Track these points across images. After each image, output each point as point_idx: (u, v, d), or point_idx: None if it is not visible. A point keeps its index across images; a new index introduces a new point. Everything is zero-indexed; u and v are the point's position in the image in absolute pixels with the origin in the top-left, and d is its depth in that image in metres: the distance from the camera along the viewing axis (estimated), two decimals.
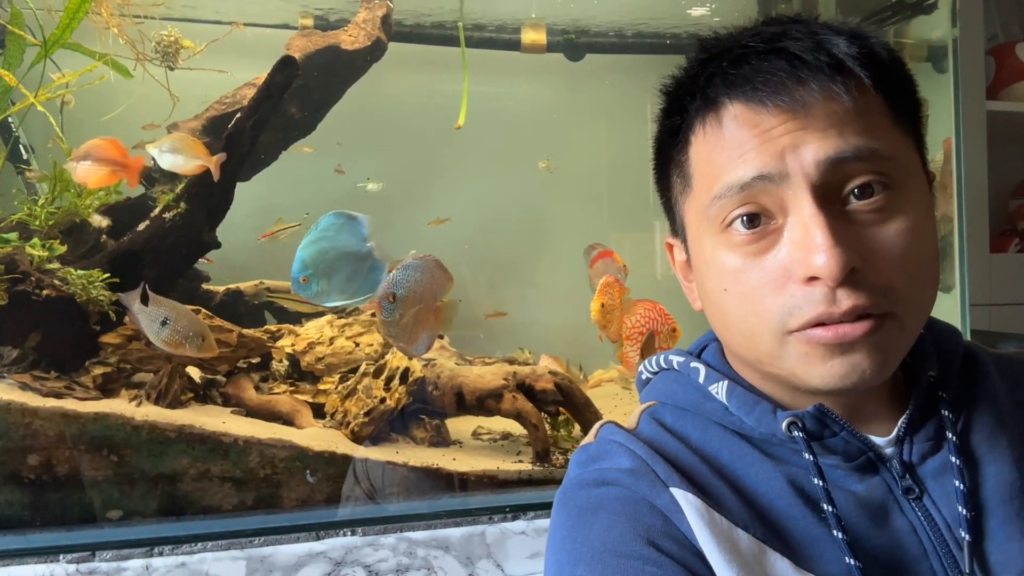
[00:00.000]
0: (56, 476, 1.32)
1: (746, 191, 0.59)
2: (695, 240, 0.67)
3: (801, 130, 0.57)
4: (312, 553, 1.23)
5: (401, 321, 1.26)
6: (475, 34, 2.07)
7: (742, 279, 0.61)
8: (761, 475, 0.63)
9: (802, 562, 0.59)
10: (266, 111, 1.59)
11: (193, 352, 1.36)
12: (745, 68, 0.60)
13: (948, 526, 0.61)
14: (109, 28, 1.66)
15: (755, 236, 0.60)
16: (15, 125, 1.73)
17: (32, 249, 1.48)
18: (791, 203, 0.58)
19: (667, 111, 0.68)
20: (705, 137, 0.62)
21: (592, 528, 0.62)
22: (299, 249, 1.28)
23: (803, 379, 0.60)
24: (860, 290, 0.56)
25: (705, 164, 0.63)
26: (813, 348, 0.58)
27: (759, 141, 0.58)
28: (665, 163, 0.70)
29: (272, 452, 1.38)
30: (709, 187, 0.62)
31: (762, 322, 0.60)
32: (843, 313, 0.56)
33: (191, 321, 1.37)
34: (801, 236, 0.57)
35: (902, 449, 0.64)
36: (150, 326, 1.34)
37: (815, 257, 0.56)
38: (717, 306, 0.65)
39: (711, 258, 0.64)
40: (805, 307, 0.57)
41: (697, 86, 0.63)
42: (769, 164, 0.58)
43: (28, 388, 1.39)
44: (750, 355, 0.64)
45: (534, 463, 1.53)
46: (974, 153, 1.78)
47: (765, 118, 0.58)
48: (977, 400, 0.67)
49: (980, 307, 1.74)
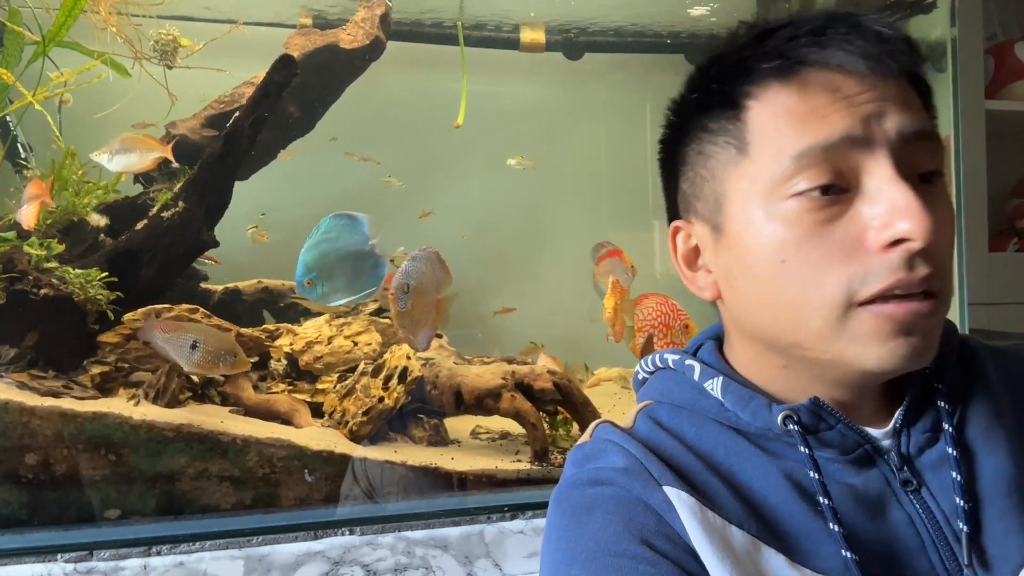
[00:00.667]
0: (54, 475, 1.32)
1: (829, 152, 0.58)
2: (740, 210, 0.63)
3: (882, 100, 0.58)
4: (310, 552, 1.23)
5: (412, 312, 1.27)
6: (474, 33, 2.06)
7: (806, 247, 0.58)
8: (757, 470, 0.63)
9: (798, 557, 0.59)
10: (264, 110, 1.59)
11: (227, 370, 1.36)
12: (831, 34, 0.59)
13: (946, 518, 0.61)
14: (107, 27, 1.66)
15: (825, 203, 0.58)
16: (13, 124, 1.73)
17: (30, 248, 1.47)
18: (870, 169, 0.58)
19: (709, 80, 0.66)
20: (778, 99, 0.60)
21: (586, 528, 0.61)
22: (302, 252, 1.29)
23: (855, 360, 0.59)
24: (931, 263, 0.57)
25: (773, 127, 0.60)
26: (883, 324, 0.57)
27: (844, 104, 0.58)
28: (695, 136, 0.67)
29: (270, 451, 1.38)
30: (779, 150, 0.59)
31: (824, 294, 0.58)
32: (920, 280, 0.56)
33: (220, 339, 1.37)
34: (886, 201, 0.56)
35: (899, 441, 0.64)
36: (180, 352, 1.34)
37: (903, 220, 0.55)
38: (765, 281, 0.61)
39: (766, 227, 0.60)
40: (881, 274, 0.56)
41: (771, 48, 0.61)
42: (856, 127, 0.57)
43: (26, 387, 1.39)
44: (790, 336, 0.62)
45: (532, 462, 1.53)
46: (973, 152, 1.78)
47: (848, 84, 0.58)
48: (973, 392, 0.67)
49: (979, 306, 1.74)
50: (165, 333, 1.35)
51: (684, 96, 0.69)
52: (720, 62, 0.65)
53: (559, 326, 2.14)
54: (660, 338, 1.48)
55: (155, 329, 1.35)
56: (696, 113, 0.67)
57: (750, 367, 0.69)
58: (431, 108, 2.09)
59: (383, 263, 1.36)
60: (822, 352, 0.60)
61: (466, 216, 2.10)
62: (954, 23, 1.77)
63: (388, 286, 1.30)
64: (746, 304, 0.65)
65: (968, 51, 1.78)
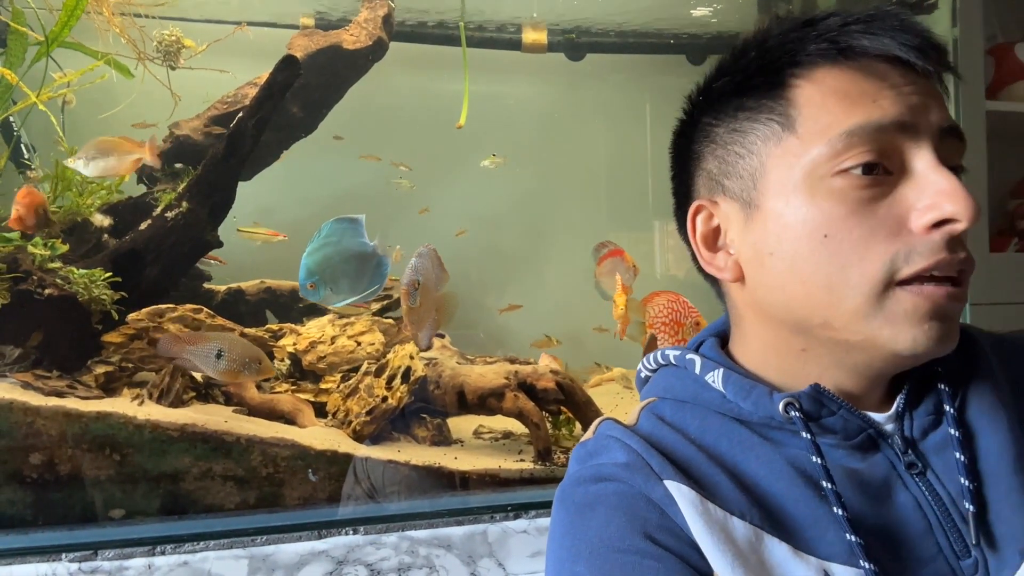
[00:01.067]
0: (58, 475, 1.32)
1: (879, 133, 0.59)
2: (781, 186, 0.63)
3: (925, 95, 0.61)
4: (314, 552, 1.24)
5: (421, 308, 1.28)
6: (476, 34, 2.07)
7: (851, 223, 0.60)
8: (761, 459, 0.64)
9: (802, 544, 0.59)
10: (268, 110, 1.60)
11: (254, 377, 1.36)
12: (880, 25, 0.61)
13: (952, 500, 0.61)
14: (111, 28, 1.66)
15: (870, 182, 0.60)
16: (16, 124, 1.73)
17: (34, 248, 1.48)
18: (915, 155, 0.60)
19: (749, 60, 0.67)
20: (829, 78, 0.62)
21: (590, 524, 0.62)
22: (303, 257, 1.30)
23: (887, 342, 0.60)
24: (965, 249, 0.60)
25: (821, 106, 0.61)
26: (922, 303, 0.59)
27: (893, 92, 0.60)
28: (729, 114, 0.67)
29: (274, 451, 1.39)
30: (829, 126, 0.60)
31: (865, 271, 0.59)
32: (961, 260, 0.59)
33: (244, 346, 1.36)
34: (932, 184, 0.59)
35: (903, 425, 0.64)
36: (206, 362, 1.33)
37: (947, 203, 0.57)
38: (804, 257, 0.62)
39: (810, 203, 0.61)
40: (925, 252, 0.58)
41: (822, 30, 0.63)
42: (906, 114, 0.60)
43: (30, 387, 1.39)
44: (820, 315, 0.62)
45: (536, 462, 1.54)
46: (973, 153, 1.78)
47: (894, 75, 0.61)
48: (974, 376, 0.68)
49: (980, 306, 1.75)
50: (190, 346, 1.34)
51: (712, 81, 0.70)
52: (761, 45, 0.66)
53: (561, 325, 2.15)
54: (672, 335, 1.48)
55: (177, 343, 1.35)
56: (731, 94, 0.68)
57: (763, 355, 0.70)
58: (433, 109, 2.10)
59: (386, 262, 1.37)
60: (853, 333, 0.61)
61: (468, 216, 2.10)
62: (955, 23, 1.78)
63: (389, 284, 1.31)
64: (776, 283, 0.65)
65: (969, 51, 1.78)
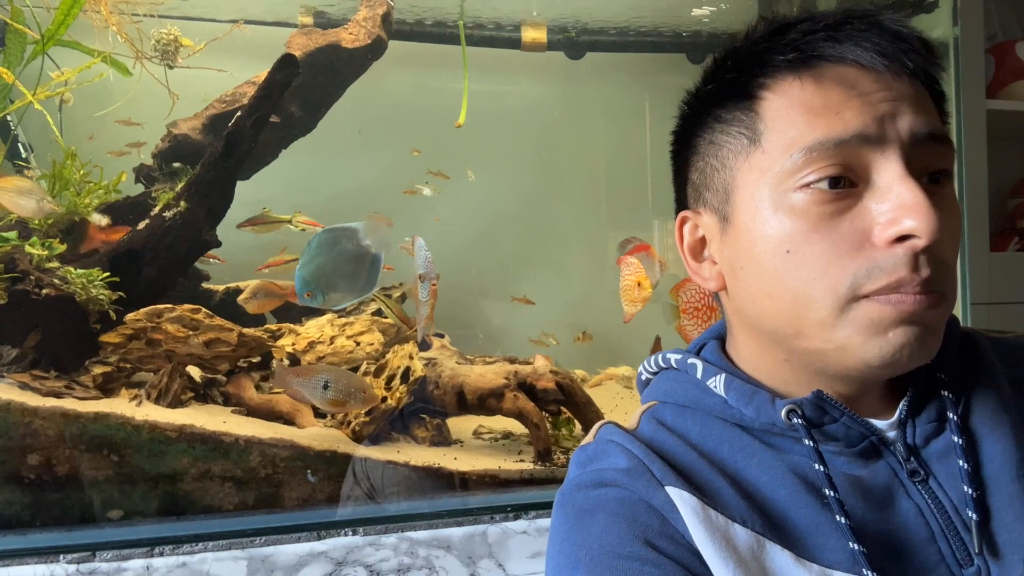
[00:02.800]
0: (56, 476, 1.32)
1: (840, 148, 0.58)
2: (749, 200, 0.63)
3: (897, 100, 0.58)
4: (313, 553, 1.23)
5: (430, 301, 1.28)
6: (475, 32, 2.06)
7: (813, 239, 0.59)
8: (762, 466, 0.63)
9: (804, 552, 0.59)
10: (266, 109, 1.59)
11: (358, 406, 1.42)
12: (848, 30, 0.60)
13: (955, 507, 0.61)
14: (108, 26, 1.66)
15: (834, 196, 0.59)
16: (14, 123, 1.72)
17: (32, 248, 1.47)
18: (880, 167, 0.58)
19: (726, 70, 0.66)
20: (793, 91, 0.61)
21: (590, 530, 0.61)
22: (297, 269, 1.32)
23: (856, 351, 0.59)
24: (934, 264, 0.57)
25: (786, 119, 0.61)
26: (885, 314, 0.57)
27: (859, 102, 0.58)
28: (707, 126, 0.67)
29: (273, 452, 1.38)
30: (792, 142, 0.60)
31: (828, 286, 0.59)
32: (923, 281, 0.57)
33: (349, 378, 1.42)
34: (895, 198, 0.57)
35: (905, 432, 0.64)
36: (314, 393, 1.40)
37: (908, 218, 0.56)
38: (770, 271, 0.62)
39: (773, 218, 0.61)
40: (887, 268, 0.57)
41: (788, 41, 0.62)
42: (870, 126, 0.58)
43: (28, 387, 1.39)
44: (792, 326, 0.62)
45: (535, 462, 1.53)
46: (974, 152, 1.78)
47: (863, 81, 0.59)
48: (977, 382, 0.67)
49: (980, 306, 1.75)
50: (299, 378, 1.42)
51: (699, 87, 0.69)
52: (736, 54, 0.66)
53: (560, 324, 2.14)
54: (704, 321, 1.48)
55: (289, 375, 1.43)
56: (710, 103, 0.67)
57: (753, 362, 0.70)
58: (433, 107, 2.09)
59: (379, 260, 1.37)
60: (824, 342, 0.60)
61: (467, 215, 2.10)
62: (956, 22, 1.77)
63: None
64: (750, 295, 0.65)
65: (969, 51, 1.78)
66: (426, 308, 1.30)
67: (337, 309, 1.40)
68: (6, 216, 1.52)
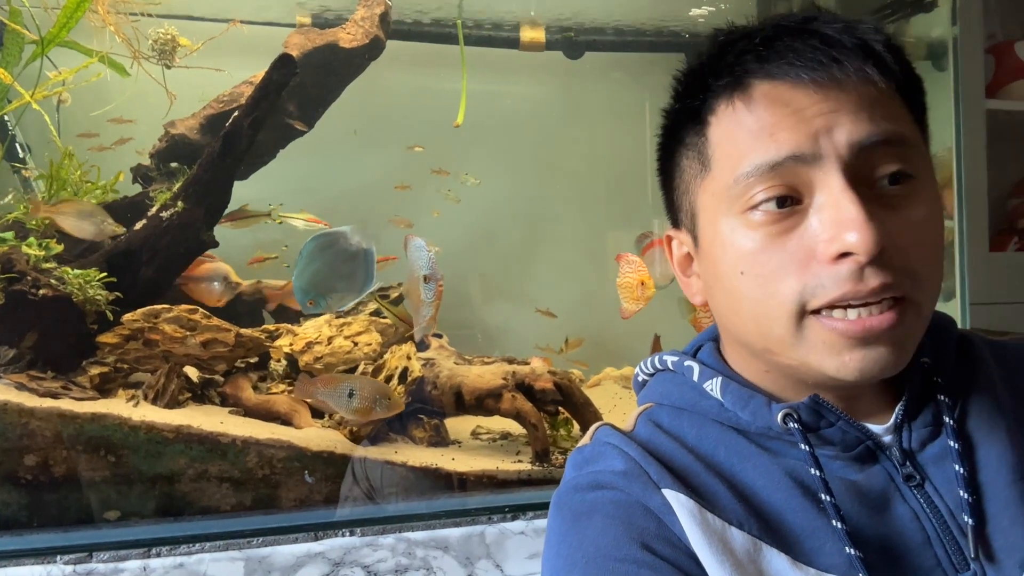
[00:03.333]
0: (53, 477, 1.32)
1: (777, 170, 0.58)
2: (709, 224, 0.64)
3: (834, 112, 0.57)
4: (311, 554, 1.23)
5: (435, 302, 1.28)
6: (474, 32, 2.06)
7: (762, 260, 0.59)
8: (759, 469, 0.63)
9: (800, 556, 0.59)
10: (264, 109, 1.59)
11: (384, 413, 1.43)
12: (778, 45, 0.59)
13: (951, 512, 0.61)
14: (106, 26, 1.66)
15: (780, 216, 0.59)
16: (11, 123, 1.72)
17: (28, 248, 1.47)
18: (820, 183, 0.58)
19: (682, 94, 0.67)
20: (731, 115, 0.61)
21: (586, 532, 0.61)
22: (294, 280, 1.33)
23: (817, 368, 0.59)
24: (885, 271, 0.56)
25: (729, 143, 0.61)
26: (835, 338, 0.57)
27: (792, 120, 0.58)
28: (674, 148, 0.68)
29: (270, 452, 1.38)
30: (734, 166, 0.60)
31: (779, 304, 0.59)
32: (871, 291, 0.56)
33: (373, 386, 1.45)
34: (832, 213, 0.56)
35: (901, 436, 0.64)
36: (339, 402, 1.42)
37: (848, 233, 0.55)
38: (729, 291, 0.63)
39: (728, 240, 0.62)
40: (830, 285, 0.56)
41: (724, 64, 0.62)
42: (803, 144, 0.57)
43: (24, 388, 1.39)
44: (760, 343, 0.63)
45: (533, 463, 1.53)
46: (973, 152, 1.78)
47: (797, 97, 0.58)
48: (973, 386, 0.67)
49: (980, 306, 1.74)
50: (324, 387, 1.43)
51: (668, 107, 0.70)
52: (688, 76, 0.67)
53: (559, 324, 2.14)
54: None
55: (313, 385, 1.44)
56: (674, 126, 0.68)
57: (741, 367, 0.70)
58: (431, 107, 2.09)
59: (372, 254, 1.38)
60: (789, 359, 0.61)
61: (465, 215, 2.10)
62: (955, 22, 1.77)
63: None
64: (722, 312, 0.67)
65: (969, 50, 1.78)
66: (431, 309, 1.29)
67: (343, 311, 1.40)
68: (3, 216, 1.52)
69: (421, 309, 1.31)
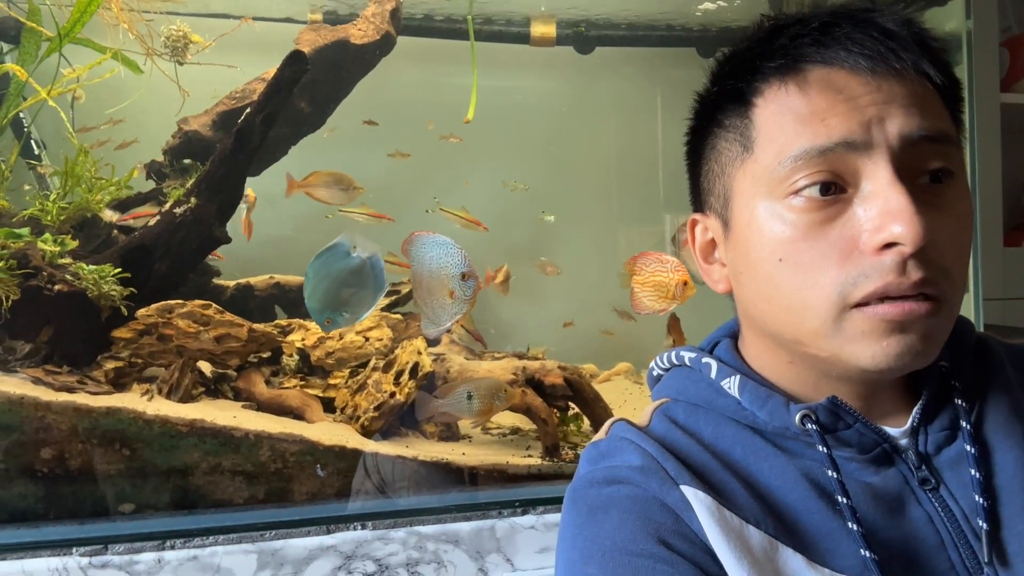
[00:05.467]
0: (69, 470, 1.33)
1: (826, 156, 0.58)
2: (744, 208, 0.64)
3: (887, 103, 0.57)
4: (323, 547, 1.24)
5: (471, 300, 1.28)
6: (484, 27, 2.06)
7: (802, 248, 0.59)
8: (775, 469, 0.63)
9: (816, 556, 0.59)
10: (276, 106, 1.59)
11: (502, 407, 1.48)
12: (836, 32, 0.59)
13: (965, 516, 0.61)
14: (119, 23, 1.67)
15: (823, 203, 0.58)
16: (27, 120, 1.74)
17: (44, 244, 1.48)
18: (868, 173, 0.57)
19: (725, 76, 0.66)
20: (781, 98, 0.61)
21: (603, 526, 0.61)
22: (306, 302, 1.32)
23: (851, 358, 0.59)
24: (927, 267, 0.56)
25: (775, 126, 0.61)
26: (876, 324, 0.57)
27: (845, 107, 0.58)
28: (710, 130, 0.68)
29: (283, 446, 1.39)
30: (780, 150, 0.60)
31: (820, 295, 0.58)
32: (912, 284, 0.56)
33: (488, 383, 1.48)
34: (880, 203, 0.56)
35: (917, 440, 0.64)
36: (459, 407, 1.45)
37: (894, 224, 0.55)
38: (765, 278, 0.62)
39: (765, 226, 0.61)
40: (874, 276, 0.56)
41: (777, 46, 0.61)
42: (855, 132, 0.57)
43: (41, 382, 1.40)
44: (791, 333, 0.62)
45: (543, 458, 1.53)
46: (988, 146, 1.76)
47: (852, 84, 0.58)
48: (990, 390, 0.67)
49: (994, 301, 1.73)
50: (443, 398, 1.47)
51: (706, 90, 0.69)
52: (734, 58, 0.66)
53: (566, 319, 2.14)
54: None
55: (433, 401, 1.48)
56: (712, 108, 0.67)
57: (762, 361, 0.70)
58: (441, 103, 2.09)
59: (378, 260, 1.37)
60: (820, 349, 0.61)
61: (476, 211, 2.10)
62: (969, 16, 1.75)
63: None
64: (751, 300, 0.66)
65: (983, 44, 1.76)
66: (466, 306, 1.28)
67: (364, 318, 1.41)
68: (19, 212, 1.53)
69: (449, 307, 1.29)
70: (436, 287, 1.26)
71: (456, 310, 1.26)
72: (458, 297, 1.24)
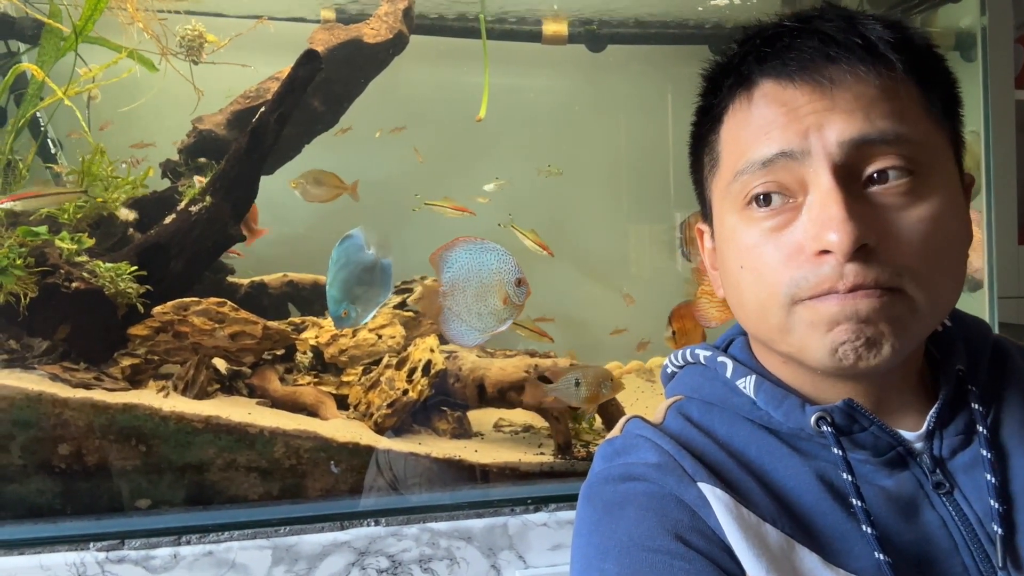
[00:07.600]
0: (86, 466, 1.35)
1: (768, 168, 0.60)
2: (719, 219, 0.67)
3: (827, 110, 0.58)
4: (336, 543, 1.25)
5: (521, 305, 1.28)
6: (496, 26, 2.06)
7: (756, 254, 0.62)
8: (789, 470, 0.63)
9: (831, 557, 0.59)
10: (290, 105, 1.60)
11: (609, 394, 1.51)
12: (777, 46, 0.61)
13: (979, 520, 0.60)
14: (134, 23, 1.68)
15: (773, 212, 0.61)
16: (44, 120, 1.75)
17: (61, 242, 1.50)
18: (811, 181, 0.59)
19: (704, 93, 0.69)
20: (735, 115, 0.64)
21: (619, 523, 0.62)
22: (327, 288, 1.33)
23: (808, 353, 0.60)
24: (870, 267, 0.57)
25: (732, 141, 0.64)
26: (818, 315, 0.58)
27: (786, 119, 0.59)
28: (699, 145, 0.71)
29: (297, 443, 1.40)
30: (734, 164, 0.63)
31: (771, 296, 0.61)
32: (848, 288, 0.57)
33: (594, 371, 1.50)
34: (817, 211, 0.58)
35: (932, 443, 0.63)
36: (568, 393, 1.48)
37: (827, 231, 0.56)
38: (734, 285, 0.66)
39: (731, 235, 0.65)
40: (812, 279, 0.58)
41: (732, 65, 0.64)
42: (792, 142, 0.59)
43: (58, 379, 1.42)
44: (762, 333, 0.65)
45: (556, 455, 1.54)
46: (1003, 143, 1.75)
47: (793, 95, 0.59)
48: (1007, 394, 0.66)
49: (1009, 299, 1.72)
50: (553, 384, 1.50)
51: (697, 105, 0.72)
52: (707, 76, 0.69)
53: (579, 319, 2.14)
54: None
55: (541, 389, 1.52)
56: (698, 124, 0.71)
57: (766, 362, 0.71)
58: (454, 102, 2.09)
59: (388, 266, 1.38)
60: (788, 347, 0.62)
61: (488, 209, 2.10)
62: (984, 13, 1.74)
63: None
64: (732, 305, 0.69)
65: (998, 41, 1.75)
66: (517, 311, 1.28)
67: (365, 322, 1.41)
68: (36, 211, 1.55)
69: (501, 312, 1.27)
70: (488, 293, 1.25)
71: (507, 315, 1.26)
72: (511, 302, 1.25)
